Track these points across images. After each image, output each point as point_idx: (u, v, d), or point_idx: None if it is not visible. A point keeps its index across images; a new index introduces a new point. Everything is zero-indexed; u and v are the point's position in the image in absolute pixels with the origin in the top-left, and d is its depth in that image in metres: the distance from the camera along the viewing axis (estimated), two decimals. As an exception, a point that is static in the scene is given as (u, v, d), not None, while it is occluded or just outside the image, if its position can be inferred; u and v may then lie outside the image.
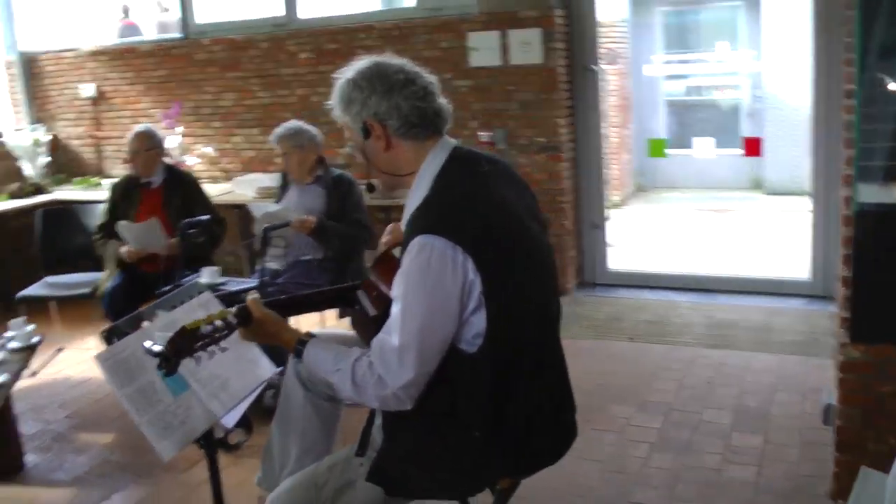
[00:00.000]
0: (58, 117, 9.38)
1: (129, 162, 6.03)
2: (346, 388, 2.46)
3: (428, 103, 2.51)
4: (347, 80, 2.58)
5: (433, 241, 2.30)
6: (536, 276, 2.51)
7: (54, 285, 6.56)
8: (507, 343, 2.39)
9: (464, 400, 2.42)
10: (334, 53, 7.57)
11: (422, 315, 2.32)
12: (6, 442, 4.75)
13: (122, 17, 10.83)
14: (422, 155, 2.52)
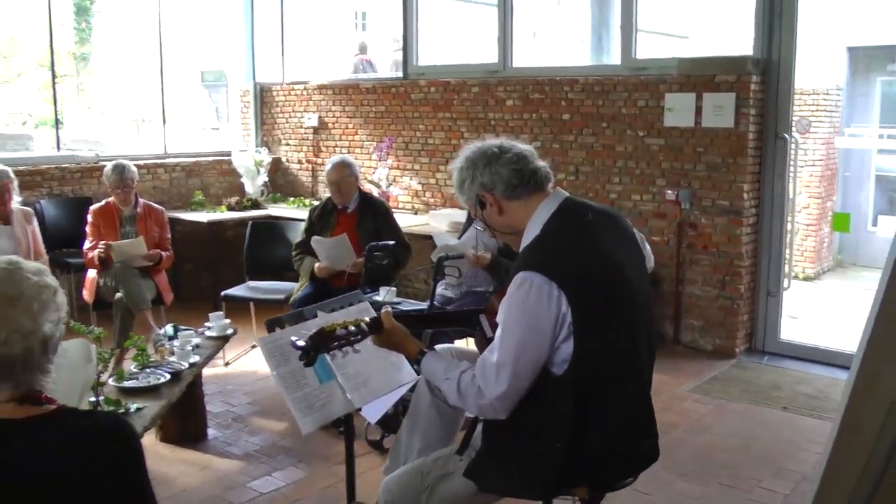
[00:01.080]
0: (281, 142, 10.30)
1: (330, 189, 6.60)
2: (452, 395, 2.88)
3: (523, 165, 2.91)
4: (458, 167, 3.02)
5: (533, 276, 2.70)
6: (625, 316, 2.84)
7: (255, 289, 7.30)
8: (590, 371, 2.74)
9: (550, 415, 2.79)
10: (538, 103, 7.98)
11: (518, 338, 2.72)
12: (194, 414, 5.50)
13: (359, 53, 11.70)
14: (531, 209, 2.91)
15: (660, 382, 6.36)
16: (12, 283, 2.05)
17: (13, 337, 2.01)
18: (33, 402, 2.07)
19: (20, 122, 20.96)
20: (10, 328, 2.01)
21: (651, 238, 7.27)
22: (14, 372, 2.04)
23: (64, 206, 8.41)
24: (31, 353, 2.04)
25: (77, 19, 20.49)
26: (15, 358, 2.02)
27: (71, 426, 2.08)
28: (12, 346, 2.01)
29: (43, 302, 2.07)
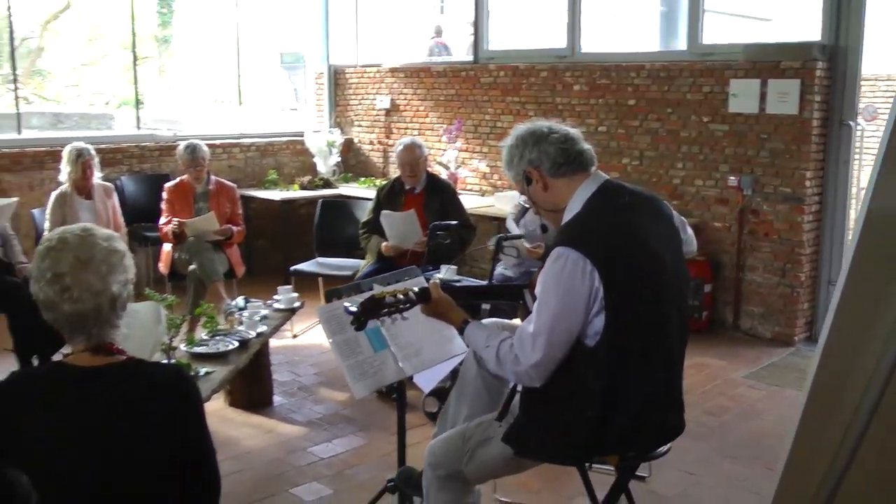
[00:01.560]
0: (354, 124, 10.53)
1: (401, 169, 6.79)
2: (491, 362, 3.06)
3: (570, 146, 3.07)
4: (508, 145, 3.18)
5: (568, 252, 2.86)
6: (656, 293, 2.98)
7: (323, 265, 7.55)
8: (620, 344, 2.89)
9: (581, 385, 2.94)
10: (605, 88, 8.05)
11: (553, 310, 2.88)
12: (261, 382, 5.79)
13: (435, 36, 11.84)
14: (573, 189, 3.07)
15: (716, 367, 6.50)
16: (85, 248, 2.32)
17: (85, 295, 2.28)
18: (105, 352, 2.35)
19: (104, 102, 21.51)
20: (83, 287, 2.27)
21: (713, 224, 7.36)
22: (87, 326, 2.32)
23: (143, 183, 8.74)
24: (100, 310, 2.31)
25: (160, 4, 20.92)
26: (87, 313, 2.29)
27: (138, 374, 2.36)
28: (84, 303, 2.28)
29: (112, 265, 2.34)
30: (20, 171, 8.14)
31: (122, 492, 2.29)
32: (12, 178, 8.09)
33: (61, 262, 2.29)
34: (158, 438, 2.29)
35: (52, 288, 2.28)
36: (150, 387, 2.33)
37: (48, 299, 2.30)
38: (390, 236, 6.53)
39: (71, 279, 2.28)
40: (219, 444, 4.92)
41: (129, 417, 2.27)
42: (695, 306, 7.30)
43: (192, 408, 2.38)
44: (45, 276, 2.29)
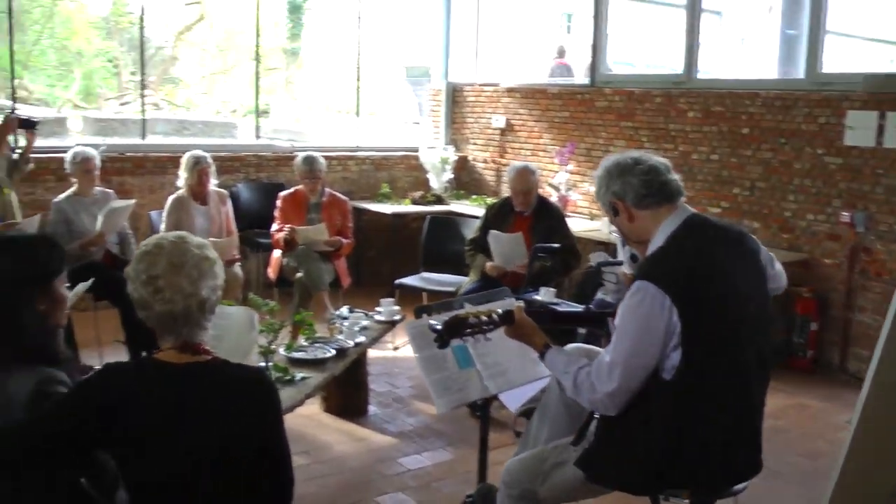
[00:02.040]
0: (469, 141, 10.65)
1: (514, 195, 6.84)
2: (569, 387, 3.12)
3: (653, 177, 3.10)
4: (597, 175, 3.24)
5: (648, 286, 2.90)
6: (735, 332, 2.99)
7: (427, 280, 7.68)
8: (696, 380, 2.92)
9: (656, 416, 2.97)
10: (719, 115, 7.95)
11: (629, 343, 2.93)
12: (358, 390, 5.95)
13: (557, 56, 11.90)
14: (659, 221, 3.10)
15: (817, 409, 6.37)
16: (178, 254, 2.50)
17: (176, 297, 2.45)
18: (192, 351, 2.52)
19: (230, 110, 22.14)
20: (174, 289, 2.45)
21: (822, 260, 7.21)
22: (176, 325, 2.49)
23: (258, 191, 9.01)
24: (189, 311, 2.48)
25: (290, 17, 21.46)
26: (177, 314, 2.47)
27: (220, 373, 2.52)
28: (175, 304, 2.46)
29: (202, 270, 2.52)
30: (143, 174, 8.50)
31: (199, 484, 2.44)
32: (134, 180, 8.44)
33: (156, 266, 2.47)
34: (235, 436, 2.42)
35: (146, 289, 2.47)
36: (230, 386, 2.48)
37: (142, 299, 2.50)
38: (495, 256, 6.61)
39: (164, 281, 2.46)
40: (310, 447, 5.13)
41: (209, 414, 2.42)
42: (799, 345, 7.17)
43: (269, 409, 2.52)
44: (141, 277, 2.49)
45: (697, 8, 8.30)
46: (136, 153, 8.60)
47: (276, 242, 7.17)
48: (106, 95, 21.62)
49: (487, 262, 6.66)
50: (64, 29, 22.86)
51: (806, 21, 7.58)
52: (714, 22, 15.26)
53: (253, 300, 4.67)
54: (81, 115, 17.29)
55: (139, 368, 2.60)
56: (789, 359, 7.16)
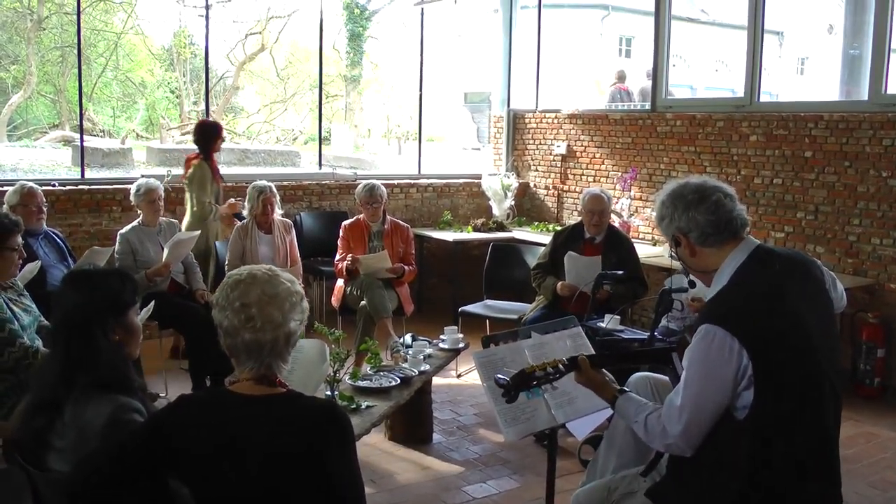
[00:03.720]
0: (530, 168, 10.64)
1: (586, 217, 6.83)
2: (641, 434, 3.11)
3: (720, 216, 3.03)
4: (660, 201, 3.18)
5: (716, 330, 2.85)
6: (807, 367, 2.93)
7: (491, 307, 7.69)
8: (769, 418, 2.87)
9: (728, 456, 2.93)
10: (781, 139, 7.86)
11: (697, 386, 2.89)
12: (422, 419, 5.94)
13: (617, 81, 11.90)
14: (723, 256, 3.06)
15: (886, 438, 6.24)
16: (271, 285, 2.57)
17: (266, 326, 2.52)
18: (268, 382, 2.57)
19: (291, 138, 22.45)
20: (265, 319, 2.52)
21: (888, 286, 7.07)
22: (262, 354, 2.55)
23: (321, 219, 9.10)
24: (277, 342, 2.55)
25: (350, 45, 21.72)
26: (264, 343, 2.53)
27: (295, 406, 2.56)
28: (265, 333, 2.52)
29: (292, 303, 2.59)
30: (207, 204, 8.59)
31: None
32: (199, 210, 8.55)
33: (249, 294, 2.54)
34: (309, 469, 2.44)
35: (237, 316, 2.53)
36: (304, 418, 2.49)
37: (231, 326, 2.55)
38: (570, 277, 6.61)
39: (256, 310, 2.52)
40: (375, 475, 5.15)
41: (283, 447, 2.44)
42: (865, 371, 7.04)
43: (343, 441, 2.53)
44: (234, 304, 2.55)
45: (759, 29, 8.20)
46: (200, 183, 8.70)
47: (339, 272, 7.23)
48: (168, 126, 22.03)
49: (559, 282, 6.65)
50: (127, 61, 23.38)
51: (870, 40, 7.47)
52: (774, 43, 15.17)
53: (319, 329, 4.72)
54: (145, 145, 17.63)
55: (213, 399, 2.64)
56: (856, 386, 7.03)
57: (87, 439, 2.76)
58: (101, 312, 2.94)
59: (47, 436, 2.85)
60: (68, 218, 7.86)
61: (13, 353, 4.31)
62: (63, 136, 19.92)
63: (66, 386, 2.85)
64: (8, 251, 4.47)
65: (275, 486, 2.43)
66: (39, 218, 6.33)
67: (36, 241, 6.22)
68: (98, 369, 2.86)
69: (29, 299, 4.77)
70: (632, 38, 24.77)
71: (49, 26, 21.14)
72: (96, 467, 2.54)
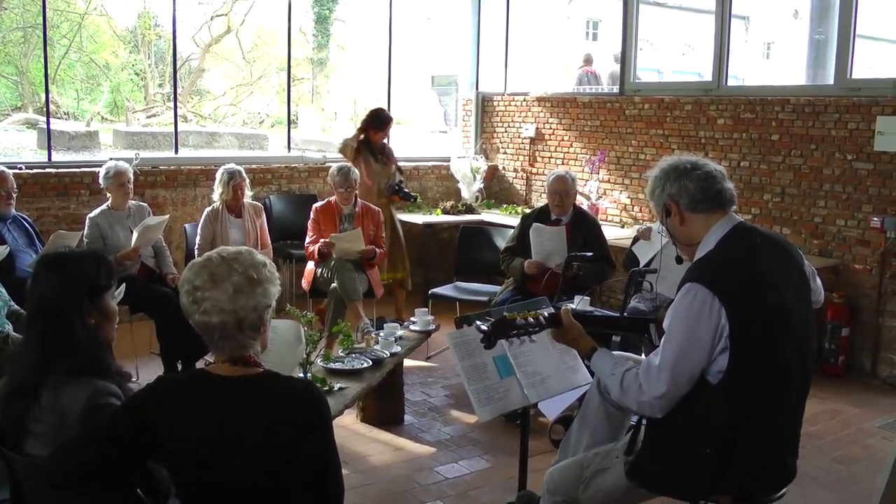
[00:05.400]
0: (499, 151, 10.68)
1: (550, 199, 6.89)
2: (615, 390, 3.16)
3: (710, 184, 3.15)
4: (653, 175, 3.28)
5: (698, 288, 2.95)
6: (780, 337, 3.01)
7: (461, 289, 7.72)
8: (742, 384, 2.95)
9: (703, 421, 3.01)
10: (749, 122, 7.95)
11: (678, 344, 2.97)
12: (394, 400, 5.98)
13: (584, 64, 11.92)
14: (709, 226, 3.15)
15: (850, 415, 6.36)
16: (223, 269, 2.56)
17: (212, 309, 2.52)
18: (244, 363, 2.58)
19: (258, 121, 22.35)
20: (211, 302, 2.52)
21: (853, 266, 7.21)
22: (213, 338, 2.57)
23: (291, 202, 9.09)
24: (225, 326, 2.54)
25: (316, 27, 21.64)
26: (213, 326, 2.54)
27: (271, 386, 2.57)
28: (211, 316, 2.53)
29: (242, 289, 2.55)
30: (175, 187, 8.58)
31: (250, 496, 2.49)
32: (167, 193, 8.53)
33: (199, 277, 2.55)
34: (286, 448, 2.46)
35: (187, 298, 2.55)
36: (281, 399, 2.51)
37: (184, 307, 2.57)
38: (536, 252, 6.65)
39: (203, 293, 2.52)
40: (348, 457, 5.18)
41: (260, 426, 2.46)
42: (830, 350, 7.16)
43: (320, 421, 2.56)
44: (185, 286, 2.56)
45: (727, 14, 8.28)
46: (168, 166, 8.69)
47: (310, 255, 7.23)
48: (133, 108, 21.83)
49: (526, 261, 6.69)
50: (91, 42, 23.10)
51: (835, 25, 7.55)
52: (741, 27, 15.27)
53: (291, 311, 4.72)
54: (112, 128, 17.49)
55: (191, 380, 2.65)
56: (821, 364, 7.16)
57: (66, 424, 2.76)
58: (76, 296, 2.92)
59: (25, 421, 2.85)
60: (35, 202, 7.78)
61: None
62: (26, 119, 19.67)
63: (43, 370, 2.85)
64: None
65: (256, 465, 2.45)
66: (9, 203, 6.30)
67: (4, 226, 6.19)
68: (75, 354, 2.85)
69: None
70: (598, 22, 24.83)
71: (10, 6, 20.85)
72: (77, 452, 2.56)
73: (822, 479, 5.16)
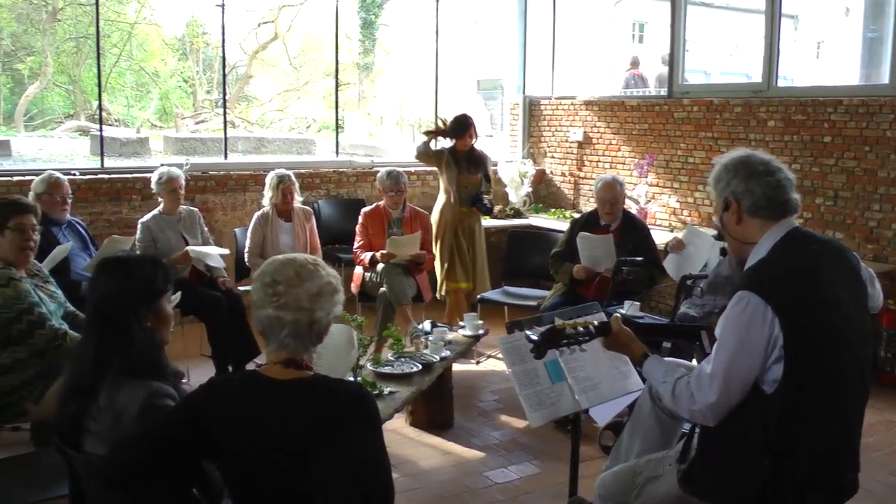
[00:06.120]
0: (546, 155, 10.64)
1: (600, 206, 6.83)
2: (666, 397, 3.10)
3: (777, 193, 3.05)
4: (723, 164, 3.18)
5: (750, 297, 2.87)
6: (837, 346, 2.93)
7: (510, 294, 7.70)
8: (798, 394, 2.87)
9: (757, 430, 2.92)
10: (800, 124, 7.82)
11: (730, 353, 2.89)
12: (443, 404, 5.96)
13: (630, 67, 11.86)
14: (764, 231, 3.07)
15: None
16: (307, 270, 2.64)
17: (290, 305, 2.59)
18: (296, 366, 2.60)
19: (305, 126, 22.48)
20: (290, 298, 2.59)
21: (910, 270, 7.07)
22: (281, 332, 2.61)
23: (339, 206, 9.12)
24: (298, 324, 2.60)
25: (362, 32, 21.74)
26: (285, 321, 2.60)
27: (322, 389, 2.59)
28: (287, 311, 2.59)
29: (323, 292, 2.65)
30: (225, 192, 8.67)
31: (299, 497, 2.51)
32: (217, 198, 8.62)
33: (282, 272, 2.60)
34: (337, 450, 2.48)
35: (265, 290, 2.59)
36: (331, 402, 2.53)
37: (259, 298, 2.60)
38: (584, 258, 6.61)
39: (284, 287, 2.57)
40: (397, 461, 5.18)
41: (311, 429, 2.48)
42: (887, 359, 7.00)
43: (370, 424, 2.57)
44: (265, 278, 2.60)
45: (776, 13, 8.13)
46: (218, 172, 8.77)
47: (360, 262, 7.25)
48: (182, 115, 22.08)
49: (575, 266, 6.65)
50: (140, 51, 23.43)
51: (890, 22, 7.43)
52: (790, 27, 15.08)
53: (342, 315, 4.73)
54: (162, 134, 17.68)
55: (244, 382, 2.67)
56: (876, 374, 6.96)
57: (122, 423, 2.81)
58: (133, 300, 2.98)
59: (83, 419, 2.90)
60: (89, 207, 7.90)
61: (43, 334, 4.46)
62: (78, 126, 19.98)
63: (100, 371, 2.90)
64: (10, 231, 4.53)
65: (306, 468, 2.46)
66: (63, 208, 6.40)
67: (59, 230, 6.29)
68: (130, 356, 2.90)
69: (55, 286, 4.88)
70: (644, 24, 24.68)
71: (64, 17, 21.21)
72: (131, 451, 2.60)
73: (879, 492, 5.05)
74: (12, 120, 20.85)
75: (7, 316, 4.41)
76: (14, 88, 22.60)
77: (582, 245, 6.61)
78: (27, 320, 4.43)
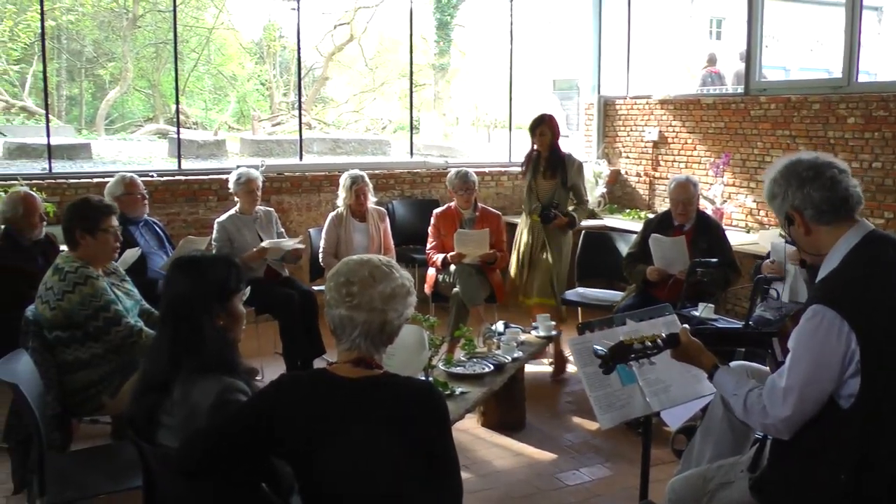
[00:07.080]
0: (621, 155, 10.57)
1: (673, 206, 6.72)
2: (738, 409, 3.05)
3: (834, 192, 2.93)
4: (772, 179, 3.08)
5: (825, 311, 2.78)
6: None
7: (583, 295, 7.66)
8: (876, 408, 2.79)
9: (834, 445, 2.85)
10: (882, 121, 7.60)
11: (805, 369, 2.82)
12: (515, 405, 5.97)
13: (707, 65, 11.71)
14: (836, 236, 2.95)
15: None
16: (381, 272, 2.68)
17: (363, 305, 2.63)
18: (366, 365, 2.64)
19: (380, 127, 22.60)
20: (364, 298, 2.63)
21: None
22: (353, 332, 2.65)
23: (413, 207, 9.18)
24: (370, 324, 2.65)
25: (438, 33, 21.77)
26: (357, 321, 2.64)
27: (392, 387, 2.63)
28: (360, 311, 2.63)
29: (396, 294, 2.69)
30: (300, 193, 8.80)
31: (367, 495, 2.53)
32: (292, 199, 8.75)
33: (357, 273, 2.64)
34: (407, 448, 2.50)
35: (339, 290, 2.63)
36: (401, 400, 2.56)
37: (332, 298, 2.65)
38: (657, 259, 6.54)
39: (358, 288, 2.61)
40: (468, 461, 5.19)
41: (381, 426, 2.52)
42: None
43: (439, 422, 2.59)
44: (340, 278, 2.64)
45: (858, 6, 7.91)
46: (293, 173, 8.88)
47: (432, 263, 7.28)
48: (259, 117, 22.35)
49: (648, 268, 6.59)
50: (218, 55, 23.80)
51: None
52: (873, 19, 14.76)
53: (414, 316, 4.75)
54: (238, 136, 17.91)
55: (314, 380, 2.70)
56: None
57: (196, 417, 2.88)
58: (206, 299, 3.06)
59: (157, 413, 2.98)
60: (166, 207, 8.07)
61: (119, 331, 4.57)
62: (158, 129, 20.35)
63: (173, 367, 2.98)
64: (103, 233, 4.65)
65: (375, 465, 2.49)
66: (144, 203, 6.63)
67: (136, 229, 6.46)
68: (203, 354, 2.97)
69: (131, 284, 5.00)
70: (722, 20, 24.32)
71: (143, 24, 21.63)
72: (202, 444, 2.66)
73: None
74: (93, 124, 21.31)
75: (84, 313, 4.51)
76: (96, 93, 23.11)
77: (654, 247, 6.54)
78: (104, 317, 4.54)
